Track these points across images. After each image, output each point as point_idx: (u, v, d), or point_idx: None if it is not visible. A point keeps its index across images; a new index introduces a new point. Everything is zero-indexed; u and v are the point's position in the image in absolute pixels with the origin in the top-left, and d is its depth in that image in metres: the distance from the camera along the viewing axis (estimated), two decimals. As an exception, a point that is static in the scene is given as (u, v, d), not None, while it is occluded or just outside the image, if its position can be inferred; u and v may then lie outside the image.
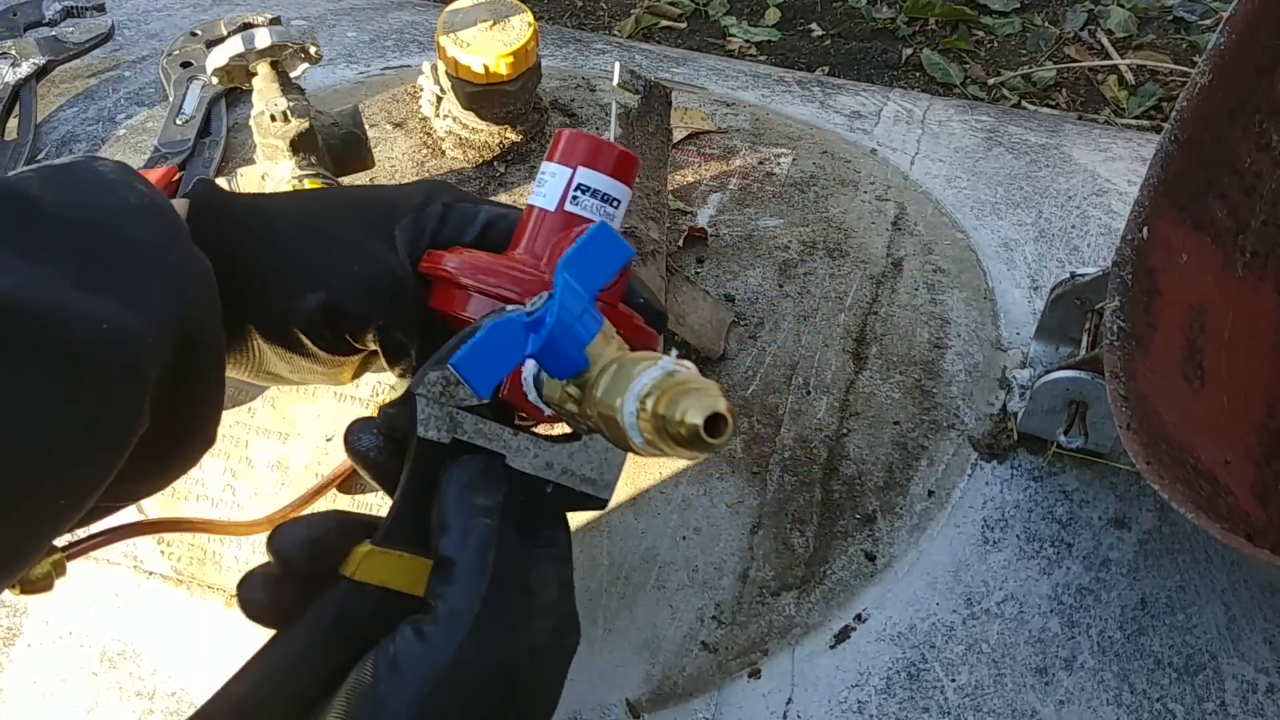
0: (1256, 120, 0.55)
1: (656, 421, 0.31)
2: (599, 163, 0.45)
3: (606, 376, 0.34)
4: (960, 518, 0.59)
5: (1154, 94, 1.58)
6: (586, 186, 0.45)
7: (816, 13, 1.80)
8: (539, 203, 0.45)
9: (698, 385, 0.31)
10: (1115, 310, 0.51)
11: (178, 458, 0.42)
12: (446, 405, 0.38)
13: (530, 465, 0.40)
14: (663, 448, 0.32)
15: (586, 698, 0.55)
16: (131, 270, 0.37)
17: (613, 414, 0.33)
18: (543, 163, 0.46)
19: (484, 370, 0.34)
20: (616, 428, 0.33)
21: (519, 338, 0.34)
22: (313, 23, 0.95)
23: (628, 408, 0.32)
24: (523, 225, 0.46)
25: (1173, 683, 0.54)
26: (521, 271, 0.43)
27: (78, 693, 0.59)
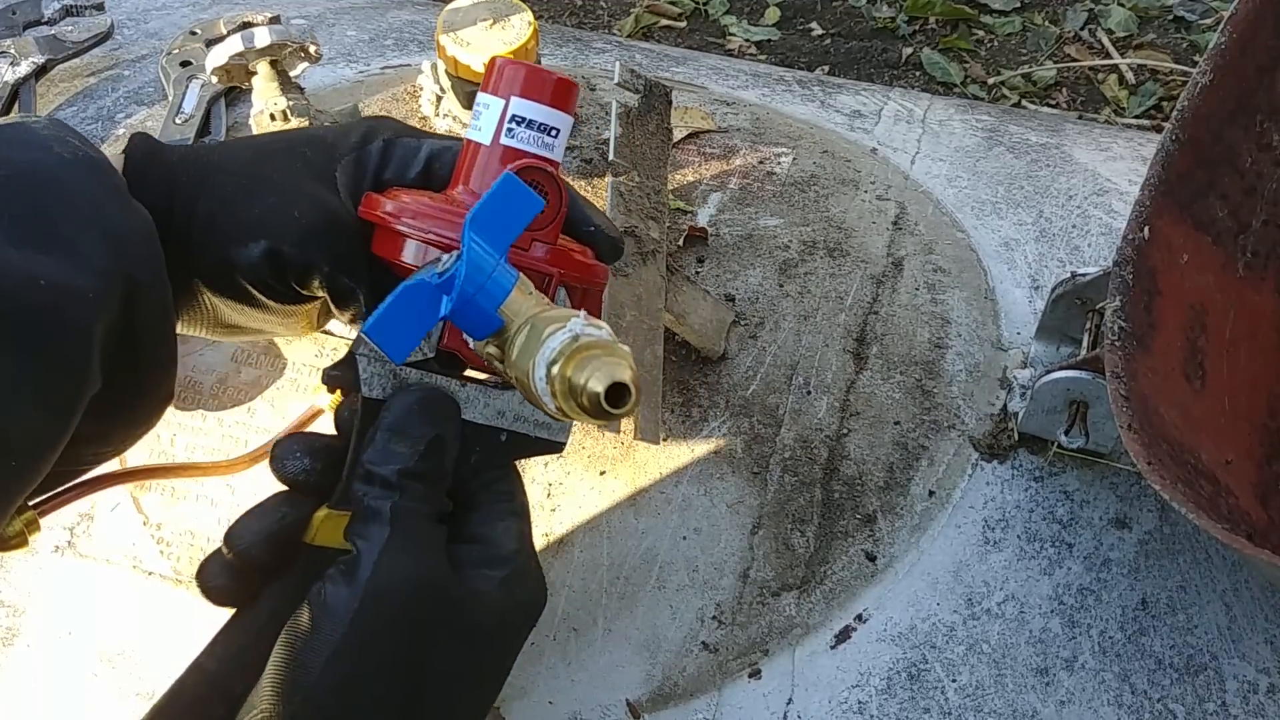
0: (1258, 120, 0.55)
1: (564, 386, 0.31)
2: (534, 91, 0.43)
3: (521, 337, 0.33)
4: (961, 518, 0.59)
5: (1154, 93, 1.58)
6: (521, 117, 0.43)
7: (816, 12, 1.79)
8: (474, 136, 0.43)
9: (604, 351, 0.31)
10: (1116, 310, 0.51)
11: (138, 416, 0.41)
12: (389, 362, 0.38)
13: (482, 415, 0.39)
14: (572, 415, 0.32)
15: (586, 698, 0.55)
16: (70, 225, 0.36)
17: (526, 378, 0.33)
18: (479, 95, 0.44)
19: (398, 335, 0.34)
20: (530, 392, 0.33)
21: (432, 301, 0.34)
22: (312, 22, 0.95)
23: (538, 373, 0.32)
24: (461, 161, 0.44)
25: (1174, 683, 0.54)
26: (458, 214, 0.41)
27: (77, 693, 0.59)
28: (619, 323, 0.61)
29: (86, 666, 0.60)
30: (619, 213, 0.65)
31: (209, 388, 0.65)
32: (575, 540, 0.58)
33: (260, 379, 0.65)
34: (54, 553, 0.62)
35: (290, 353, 0.66)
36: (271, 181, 0.42)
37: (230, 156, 0.43)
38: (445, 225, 0.40)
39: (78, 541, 0.62)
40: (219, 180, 0.42)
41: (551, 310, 0.34)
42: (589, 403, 0.30)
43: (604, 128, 0.80)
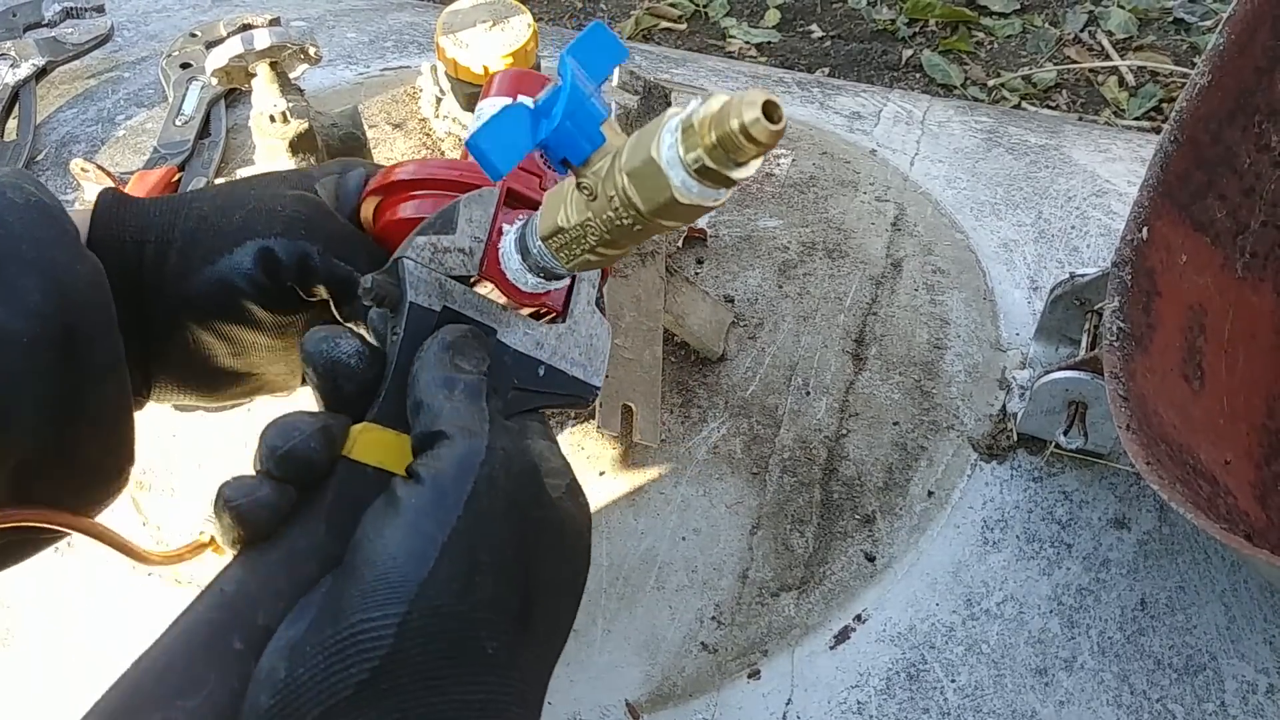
0: (1256, 121, 0.55)
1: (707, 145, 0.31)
2: (536, 89, 0.44)
3: (626, 149, 0.33)
4: (960, 518, 0.59)
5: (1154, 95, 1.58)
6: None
7: (816, 14, 1.80)
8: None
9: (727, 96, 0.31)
10: (1115, 311, 0.51)
11: (87, 488, 0.38)
12: (436, 270, 0.37)
13: (522, 343, 0.39)
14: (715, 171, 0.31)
15: (586, 698, 0.54)
16: (11, 268, 0.35)
17: (644, 165, 0.32)
18: (479, 103, 0.46)
19: (500, 149, 0.33)
20: (653, 180, 0.32)
21: (527, 124, 0.34)
22: (312, 24, 0.95)
23: (664, 147, 0.31)
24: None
25: (1172, 683, 0.54)
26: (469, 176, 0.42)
27: (77, 693, 0.59)
28: (618, 323, 0.61)
29: (84, 666, 0.60)
30: (618, 214, 0.65)
31: (209, 389, 0.65)
32: (574, 541, 0.58)
33: (260, 380, 0.65)
34: (53, 553, 0.62)
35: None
36: (249, 194, 0.41)
37: (205, 192, 0.43)
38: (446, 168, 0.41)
39: (76, 541, 0.62)
40: (194, 204, 0.41)
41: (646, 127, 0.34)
42: (744, 135, 0.30)
43: (603, 129, 0.80)
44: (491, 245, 0.39)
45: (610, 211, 0.34)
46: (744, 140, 0.30)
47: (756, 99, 0.30)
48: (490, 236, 0.39)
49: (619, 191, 0.33)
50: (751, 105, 0.30)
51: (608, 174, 0.33)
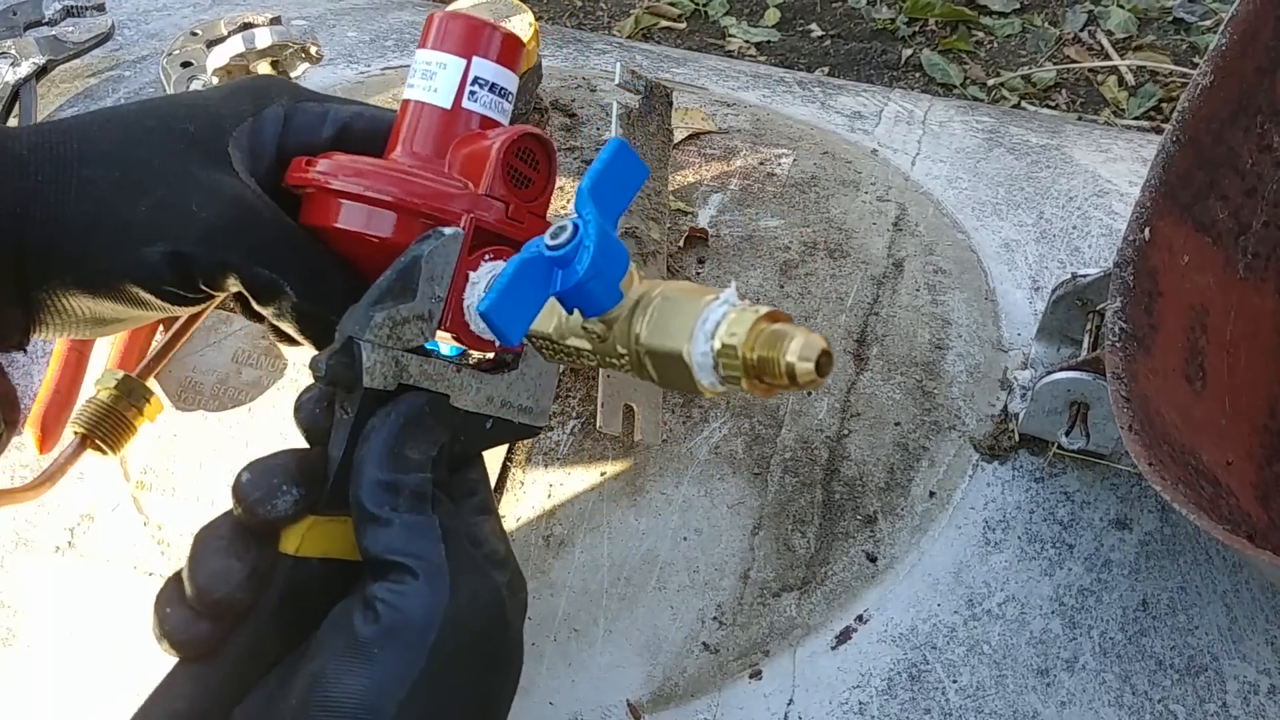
0: (1258, 121, 0.55)
1: (746, 362, 0.30)
2: (492, 50, 0.40)
3: (647, 314, 0.32)
4: (961, 519, 0.59)
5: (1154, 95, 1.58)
6: (484, 80, 0.40)
7: (816, 13, 1.80)
8: (427, 98, 0.39)
9: (771, 319, 0.31)
10: (1117, 311, 0.51)
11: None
12: (393, 348, 0.35)
13: (473, 402, 0.37)
14: (742, 386, 0.30)
15: (587, 698, 0.54)
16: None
17: (671, 353, 0.31)
18: (420, 51, 0.40)
19: (515, 316, 0.31)
20: (676, 367, 0.31)
21: (546, 277, 0.31)
22: (313, 22, 0.95)
23: (698, 349, 0.30)
24: (400, 125, 0.40)
25: (1174, 684, 0.54)
26: (409, 175, 0.38)
27: (77, 693, 0.59)
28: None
29: (86, 666, 0.60)
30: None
31: (209, 388, 0.65)
32: (575, 540, 0.58)
33: (261, 379, 0.65)
34: (54, 553, 0.62)
35: (291, 353, 0.66)
36: (153, 170, 0.36)
37: (95, 142, 0.36)
38: (396, 184, 0.37)
39: (78, 541, 0.62)
40: (88, 176, 0.36)
41: (673, 284, 0.32)
42: (788, 374, 0.30)
43: (604, 128, 0.80)
44: (455, 297, 0.36)
45: (615, 359, 0.33)
46: (785, 377, 0.30)
47: (814, 348, 0.29)
48: (453, 287, 0.36)
49: (632, 354, 0.32)
50: (808, 355, 0.29)
51: (624, 333, 0.32)
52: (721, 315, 0.31)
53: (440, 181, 0.38)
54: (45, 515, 0.63)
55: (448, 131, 0.39)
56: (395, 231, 0.37)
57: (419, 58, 0.40)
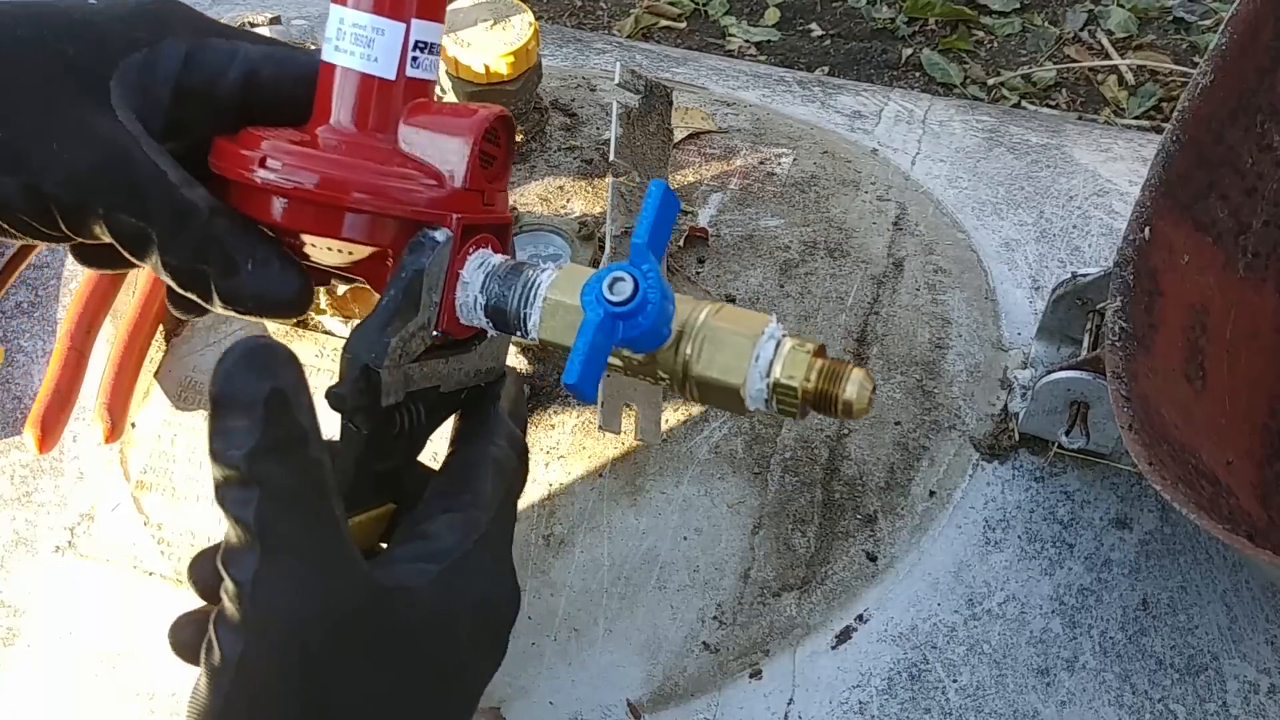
0: (1258, 120, 0.55)
1: (804, 398, 0.33)
2: (433, 9, 0.37)
3: (695, 346, 0.33)
4: (962, 518, 0.59)
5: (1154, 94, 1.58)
6: (425, 43, 0.36)
7: (816, 13, 1.80)
8: (366, 67, 0.36)
9: (817, 352, 0.33)
10: (1117, 311, 0.51)
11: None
12: (405, 365, 0.35)
13: (456, 382, 0.38)
14: (788, 413, 0.33)
15: (587, 698, 0.54)
16: None
17: (727, 387, 0.33)
18: (344, 10, 0.36)
19: (593, 378, 0.32)
20: (727, 396, 0.33)
21: (609, 330, 0.32)
22: (313, 22, 0.95)
23: (753, 385, 0.33)
24: (330, 93, 0.36)
25: (1174, 683, 0.54)
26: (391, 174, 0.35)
27: (78, 693, 0.59)
28: (620, 323, 0.61)
29: (86, 666, 0.60)
30: (620, 213, 0.65)
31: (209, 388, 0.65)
32: (575, 540, 0.58)
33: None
34: (54, 553, 0.62)
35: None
36: (16, 94, 0.32)
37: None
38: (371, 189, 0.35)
39: (78, 541, 0.62)
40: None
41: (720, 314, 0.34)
42: (844, 409, 0.33)
43: (604, 128, 0.80)
44: (449, 297, 0.36)
45: (651, 377, 0.35)
46: (839, 408, 0.33)
47: (868, 385, 0.33)
48: (445, 288, 0.36)
49: (677, 378, 0.34)
50: (865, 392, 0.33)
51: (669, 360, 0.34)
52: (773, 352, 0.33)
53: (416, 180, 0.36)
54: (45, 515, 0.63)
55: (392, 104, 0.36)
56: (364, 234, 0.36)
57: (345, 18, 0.36)
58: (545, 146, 0.78)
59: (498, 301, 0.36)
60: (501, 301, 0.36)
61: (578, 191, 0.75)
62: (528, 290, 0.36)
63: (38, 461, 0.64)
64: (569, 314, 0.34)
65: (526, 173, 0.76)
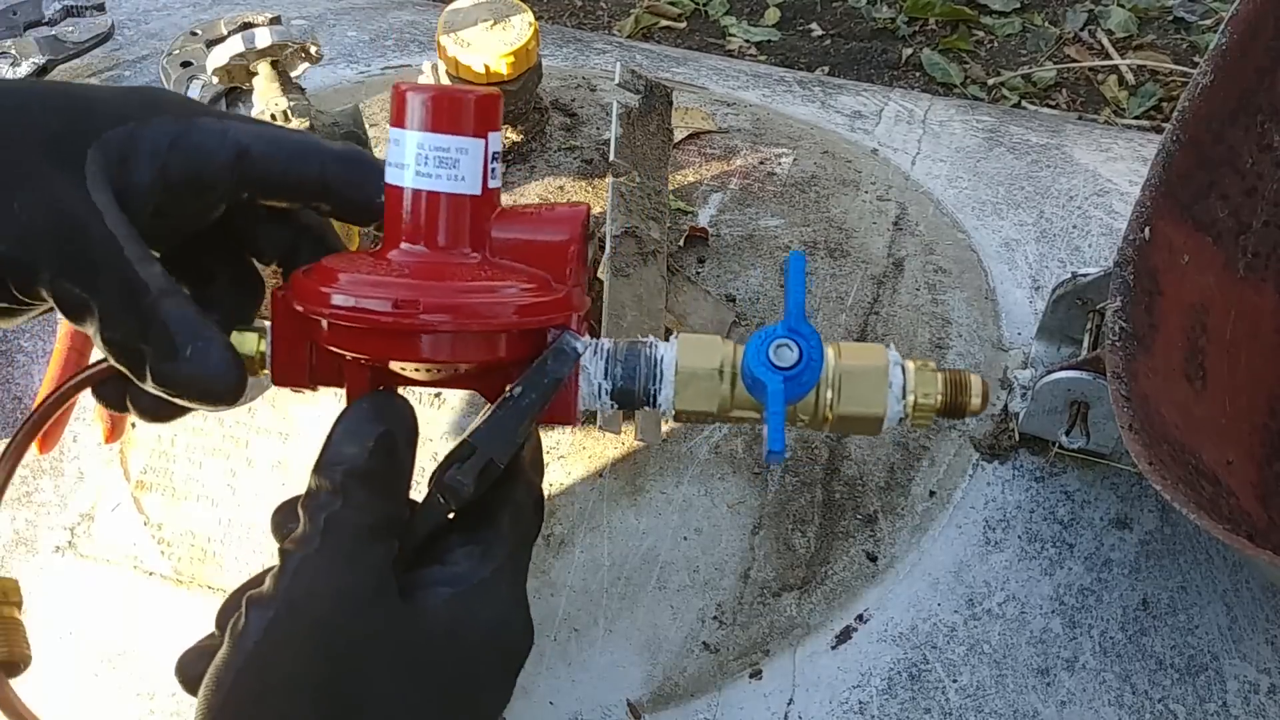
0: (1258, 120, 0.55)
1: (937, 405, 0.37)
2: (497, 120, 0.37)
3: (834, 388, 0.37)
4: (962, 518, 0.59)
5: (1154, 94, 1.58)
6: (497, 153, 0.38)
7: (816, 13, 1.80)
8: (454, 188, 0.36)
9: (954, 371, 0.38)
10: (1117, 311, 0.51)
11: None
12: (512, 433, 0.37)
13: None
14: (923, 425, 0.38)
15: (587, 698, 0.54)
16: None
17: (871, 418, 0.37)
18: (423, 135, 0.36)
19: (781, 434, 0.35)
20: (866, 424, 0.37)
21: (789, 393, 0.36)
22: (313, 22, 0.95)
23: (893, 411, 0.37)
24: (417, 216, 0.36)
25: (1174, 683, 0.54)
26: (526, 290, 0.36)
27: (78, 693, 0.59)
28: (620, 323, 0.61)
29: (86, 666, 0.60)
30: (620, 213, 0.65)
31: (209, 388, 0.65)
32: (575, 540, 0.58)
33: (262, 379, 0.65)
34: (54, 553, 0.62)
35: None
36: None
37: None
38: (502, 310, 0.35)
39: (78, 541, 0.62)
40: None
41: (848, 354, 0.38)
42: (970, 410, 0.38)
43: (604, 128, 0.80)
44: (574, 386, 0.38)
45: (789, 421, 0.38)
46: (964, 412, 0.38)
47: (987, 388, 0.38)
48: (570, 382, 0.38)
49: (815, 416, 0.38)
50: (987, 395, 0.38)
51: (808, 404, 0.37)
52: (902, 377, 0.38)
53: (535, 291, 0.36)
54: (45, 515, 0.63)
55: (483, 219, 0.37)
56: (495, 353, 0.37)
57: (425, 142, 0.36)
58: (545, 146, 0.78)
59: (624, 384, 0.38)
60: (629, 384, 0.38)
61: (578, 191, 0.75)
62: (652, 367, 0.38)
63: (38, 461, 0.64)
64: (706, 383, 0.38)
65: (526, 173, 0.76)
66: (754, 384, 0.37)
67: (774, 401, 0.35)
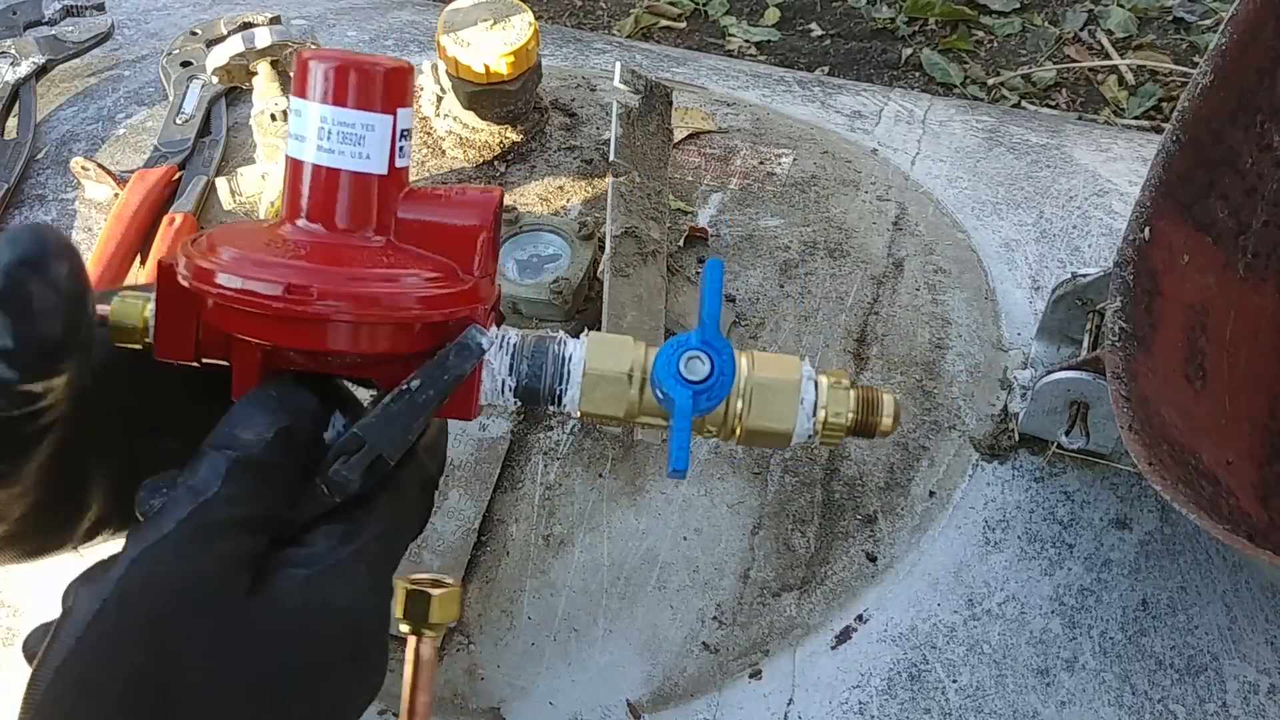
0: (1258, 120, 0.55)
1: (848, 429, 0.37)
2: (409, 95, 0.35)
3: (747, 400, 0.36)
4: (961, 518, 0.59)
5: (1154, 94, 1.58)
6: (406, 130, 0.35)
7: (816, 13, 1.80)
8: (357, 166, 0.34)
9: (867, 389, 0.37)
10: (1117, 311, 0.51)
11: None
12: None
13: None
14: (830, 443, 0.37)
15: (587, 698, 0.54)
16: None
17: (779, 433, 0.36)
18: (327, 109, 0.34)
19: (688, 455, 0.34)
20: (774, 438, 0.36)
21: (695, 407, 0.35)
22: (313, 22, 0.95)
23: (801, 427, 0.36)
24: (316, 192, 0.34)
25: (1174, 684, 0.54)
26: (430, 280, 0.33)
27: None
28: (620, 323, 0.61)
29: (87, 667, 0.59)
30: (620, 213, 0.65)
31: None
32: (575, 540, 0.58)
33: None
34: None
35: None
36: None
37: None
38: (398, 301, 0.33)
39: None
40: None
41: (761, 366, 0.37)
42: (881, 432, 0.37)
43: (604, 128, 0.80)
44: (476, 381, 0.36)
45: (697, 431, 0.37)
46: (874, 432, 0.37)
47: (898, 408, 0.37)
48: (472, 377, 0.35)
49: (724, 428, 0.37)
50: (899, 415, 0.37)
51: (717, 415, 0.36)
52: (814, 393, 0.37)
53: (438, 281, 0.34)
54: (45, 515, 0.63)
55: (387, 198, 0.35)
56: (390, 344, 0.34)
57: (329, 116, 0.33)
58: (545, 146, 0.78)
59: (529, 381, 0.36)
60: (534, 381, 0.36)
61: (578, 191, 0.75)
62: (559, 366, 0.36)
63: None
64: (612, 387, 0.36)
65: (526, 173, 0.76)
66: (663, 396, 0.35)
67: (680, 417, 0.34)
